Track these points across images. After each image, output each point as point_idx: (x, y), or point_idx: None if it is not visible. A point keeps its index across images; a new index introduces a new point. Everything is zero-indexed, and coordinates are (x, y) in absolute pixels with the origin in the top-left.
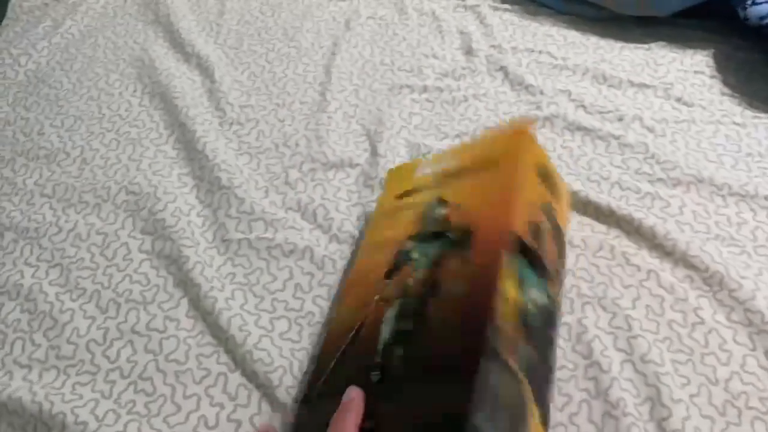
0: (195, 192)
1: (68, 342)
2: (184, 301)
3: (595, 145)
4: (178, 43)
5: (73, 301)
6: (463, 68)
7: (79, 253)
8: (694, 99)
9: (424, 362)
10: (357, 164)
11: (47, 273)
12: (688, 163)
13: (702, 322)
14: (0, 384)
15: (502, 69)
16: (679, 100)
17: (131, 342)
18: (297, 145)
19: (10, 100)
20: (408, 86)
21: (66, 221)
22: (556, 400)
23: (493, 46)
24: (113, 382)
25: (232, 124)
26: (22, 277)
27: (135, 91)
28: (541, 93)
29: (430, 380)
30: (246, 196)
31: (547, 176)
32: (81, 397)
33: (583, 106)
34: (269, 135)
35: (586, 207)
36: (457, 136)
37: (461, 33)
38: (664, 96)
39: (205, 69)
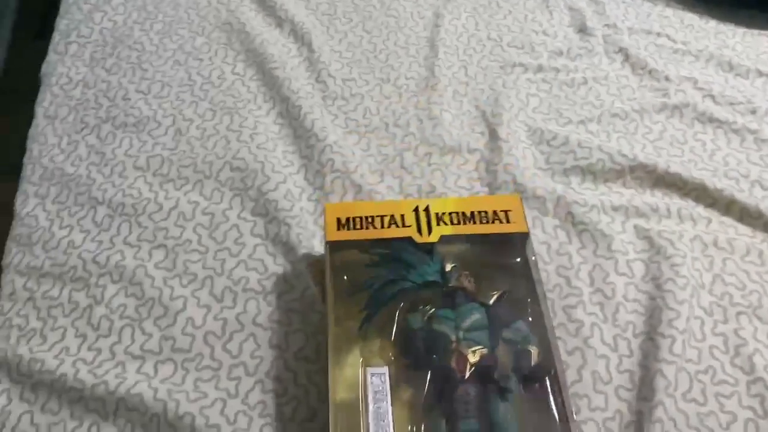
0: (303, 173)
1: (183, 333)
2: (309, 293)
3: (729, 139)
4: (268, 6)
5: (184, 287)
6: (579, 48)
7: (185, 234)
8: None
9: None
10: (475, 149)
11: (151, 254)
12: None
13: None
14: (114, 376)
15: (621, 51)
16: None
17: (253, 335)
18: (408, 125)
19: (87, 60)
20: (521, 64)
21: (166, 198)
22: (720, 417)
23: (607, 25)
24: (238, 378)
25: (335, 99)
26: (123, 258)
27: (226, 57)
28: (667, 79)
29: None
30: (362, 181)
31: None
32: (206, 395)
33: (712, 96)
34: (377, 113)
35: (729, 207)
36: (581, 122)
37: (570, 9)
38: None
39: (300, 37)
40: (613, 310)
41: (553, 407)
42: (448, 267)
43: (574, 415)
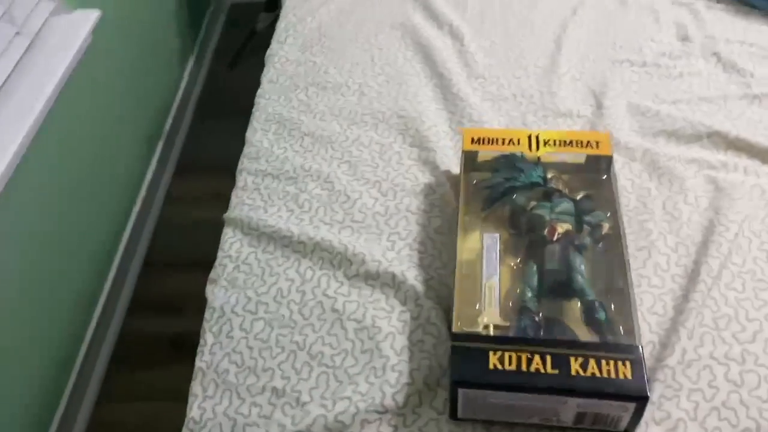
0: (449, 122)
1: (359, 212)
2: (447, 194)
3: None
4: (433, 15)
5: (361, 186)
6: (680, 51)
7: (363, 155)
8: None
9: None
10: (583, 115)
11: (339, 166)
12: None
13: None
14: (312, 232)
15: (715, 54)
16: None
17: (406, 217)
18: (531, 96)
19: (299, 47)
20: (629, 61)
21: (351, 133)
22: (754, 302)
23: (707, 37)
24: (393, 241)
25: (477, 77)
26: (320, 167)
27: (399, 47)
28: (752, 76)
29: None
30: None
31: None
32: (372, 247)
33: None
34: (508, 87)
35: None
36: (673, 102)
37: (677, 24)
38: None
39: (455, 35)
40: (677, 226)
41: (616, 265)
42: (549, 175)
43: (636, 287)
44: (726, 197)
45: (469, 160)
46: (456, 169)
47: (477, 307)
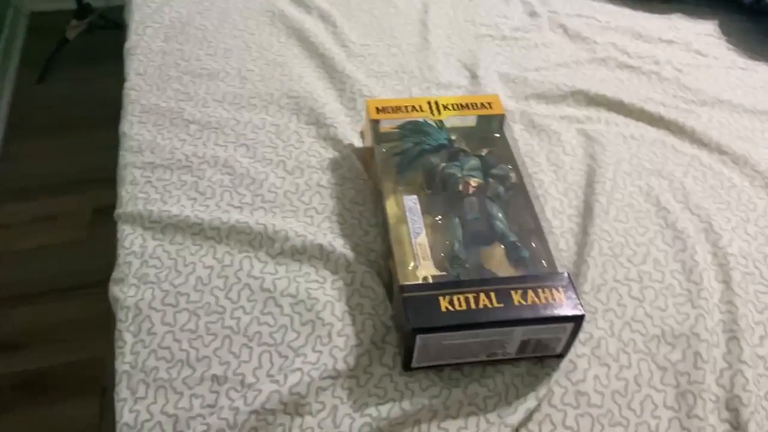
0: (340, 99)
1: (269, 191)
2: (354, 167)
3: (640, 78)
4: (298, 1)
5: (264, 167)
6: (530, 25)
7: (259, 137)
8: (709, 51)
9: None
10: (462, 85)
11: (236, 150)
12: (711, 92)
13: (734, 186)
14: (224, 217)
15: (561, 26)
16: (697, 52)
17: (319, 192)
18: (412, 71)
19: (162, 37)
20: (489, 36)
21: (241, 117)
22: (637, 230)
23: (551, 12)
24: (311, 216)
25: (356, 56)
26: (216, 152)
27: (272, 33)
28: (595, 43)
29: None
30: None
31: None
32: (291, 223)
33: (627, 53)
34: (388, 64)
35: (641, 115)
36: (536, 69)
37: (522, 2)
38: (686, 49)
39: (326, 19)
40: (563, 174)
41: (527, 210)
42: (453, 136)
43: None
44: (598, 145)
45: (375, 130)
46: (357, 142)
47: (411, 265)
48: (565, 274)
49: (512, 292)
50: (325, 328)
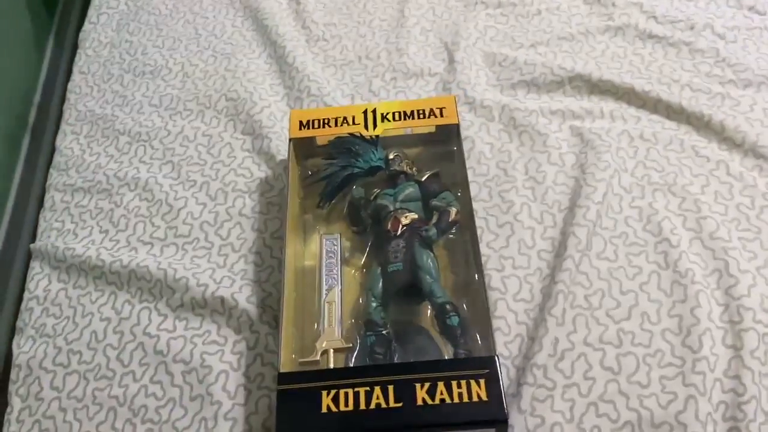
0: (286, 100)
1: (184, 223)
2: (285, 190)
3: (666, 51)
4: None
5: (186, 190)
6: None
7: (188, 152)
8: (767, 7)
9: None
10: (436, 73)
11: (160, 168)
12: (760, 66)
13: None
14: (128, 257)
15: None
16: (751, 8)
17: (239, 223)
18: (378, 57)
19: (114, 26)
20: (483, 2)
21: (173, 126)
22: (627, 271)
23: None
24: (226, 255)
25: (318, 40)
26: (138, 172)
27: (227, 14)
28: (613, 5)
29: None
30: (333, 102)
31: None
32: (199, 266)
33: (654, 17)
34: (352, 49)
35: (657, 106)
36: (532, 45)
37: None
38: (736, 5)
39: None
40: (542, 192)
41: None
42: (391, 155)
43: (499, 272)
44: (592, 151)
45: (302, 145)
46: None
47: (317, 327)
48: (496, 360)
49: (417, 386)
50: (213, 408)
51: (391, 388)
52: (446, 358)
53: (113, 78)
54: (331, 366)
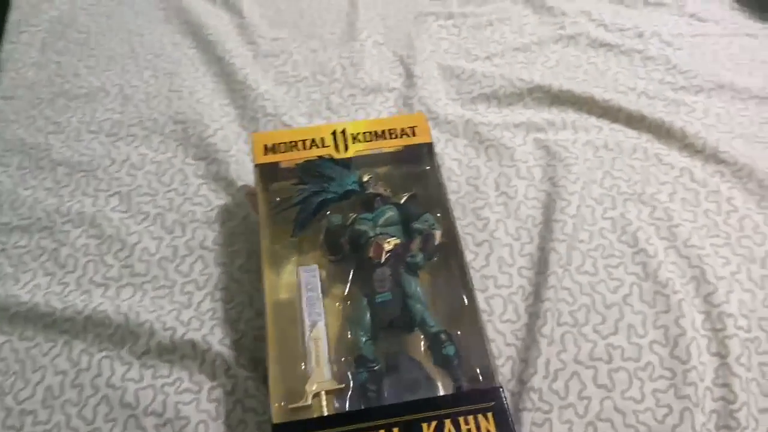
0: (239, 120)
1: (140, 261)
2: (249, 218)
3: (619, 59)
4: None
5: (138, 224)
6: None
7: (136, 181)
8: (707, 15)
9: None
10: (394, 88)
11: (107, 201)
12: (708, 72)
13: (735, 210)
14: (81, 301)
15: None
16: (693, 16)
17: (201, 257)
18: (333, 72)
19: (39, 45)
20: (433, 13)
21: (117, 154)
22: (609, 284)
23: None
24: (190, 293)
25: (267, 56)
26: (83, 206)
27: (165, 31)
28: (563, 14)
29: None
30: (293, 122)
31: None
32: (162, 307)
33: (604, 25)
34: (304, 64)
35: (618, 115)
36: (487, 57)
37: None
38: (678, 13)
39: (232, 6)
40: (515, 207)
41: (458, 279)
42: (366, 178)
43: (483, 292)
44: (560, 164)
45: (267, 170)
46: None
47: (303, 367)
48: (501, 391)
49: (424, 426)
50: None
51: (396, 430)
52: (440, 386)
53: (43, 102)
54: (325, 410)
